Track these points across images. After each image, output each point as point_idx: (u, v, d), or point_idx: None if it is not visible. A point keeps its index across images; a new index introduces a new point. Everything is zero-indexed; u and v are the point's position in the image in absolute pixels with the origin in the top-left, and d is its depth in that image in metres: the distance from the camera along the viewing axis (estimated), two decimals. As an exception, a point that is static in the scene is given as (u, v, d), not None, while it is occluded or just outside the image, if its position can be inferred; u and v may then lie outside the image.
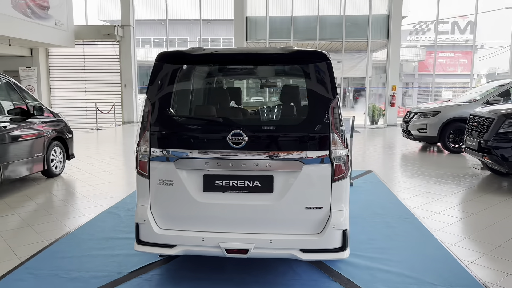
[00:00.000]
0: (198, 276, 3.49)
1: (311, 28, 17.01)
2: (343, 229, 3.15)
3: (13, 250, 4.10)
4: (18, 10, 13.83)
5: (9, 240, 4.36)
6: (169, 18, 19.23)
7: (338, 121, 3.14)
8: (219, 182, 3.20)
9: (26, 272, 3.58)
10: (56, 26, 15.95)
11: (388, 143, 12.92)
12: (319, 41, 17.12)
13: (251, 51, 3.16)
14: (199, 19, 19.22)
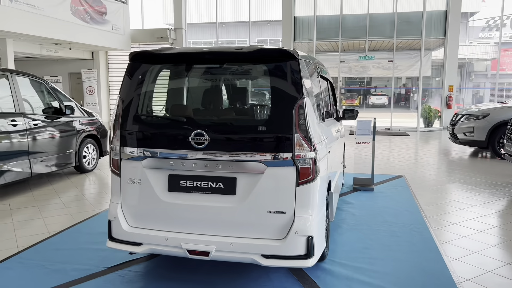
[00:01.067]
0: (171, 276, 3.50)
1: (360, 26, 16.46)
2: (308, 236, 2.99)
3: (17, 239, 4.38)
4: (77, 16, 14.82)
5: (18, 231, 4.66)
6: (220, 20, 19.56)
7: (304, 122, 2.99)
8: (184, 183, 3.18)
9: (17, 261, 3.81)
10: (112, 31, 16.87)
11: (436, 147, 12.14)
12: (368, 39, 16.52)
13: (217, 49, 3.10)
14: (248, 21, 19.35)
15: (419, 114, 16.93)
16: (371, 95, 37.31)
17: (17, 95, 6.13)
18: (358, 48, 18.35)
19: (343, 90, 40.85)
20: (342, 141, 5.84)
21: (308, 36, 17.27)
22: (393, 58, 16.91)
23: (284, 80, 3.04)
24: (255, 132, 3.02)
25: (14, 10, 12.06)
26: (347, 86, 40.74)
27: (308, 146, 3.00)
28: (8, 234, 4.55)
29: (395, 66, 17.53)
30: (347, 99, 40.03)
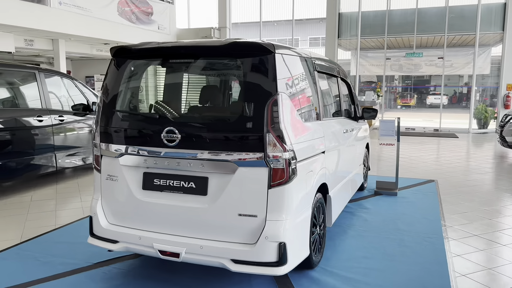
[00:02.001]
0: (151, 275, 3.44)
1: (408, 22, 15.65)
2: (280, 242, 2.80)
3: (24, 230, 4.54)
4: (123, 17, 15.36)
5: (28, 222, 4.84)
6: (263, 20, 19.47)
7: (277, 120, 2.80)
8: (157, 181, 3.10)
9: (15, 253, 3.93)
10: (158, 30, 17.32)
11: (485, 150, 11.22)
12: (416, 35, 15.66)
13: (190, 44, 2.98)
14: (292, 19, 19.08)
15: (471, 115, 15.81)
16: (429, 94, 35.47)
17: (44, 92, 6.40)
18: (406, 45, 17.48)
19: (399, 89, 39.33)
20: (359, 141, 5.51)
21: (353, 33, 16.71)
22: (444, 55, 15.91)
23: (257, 76, 2.86)
24: (226, 130, 2.87)
25: (63, 12, 12.70)
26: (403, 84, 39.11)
27: (281, 146, 2.80)
28: (18, 225, 4.73)
29: (449, 64, 16.50)
30: (402, 98, 38.42)
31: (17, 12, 11.57)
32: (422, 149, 10.83)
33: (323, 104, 3.87)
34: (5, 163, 5.71)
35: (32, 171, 6.17)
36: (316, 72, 3.74)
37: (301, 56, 3.41)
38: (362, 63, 18.60)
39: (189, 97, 3.26)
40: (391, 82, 38.40)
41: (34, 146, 6.13)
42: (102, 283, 3.31)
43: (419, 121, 19.12)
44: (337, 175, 4.21)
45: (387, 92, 40.41)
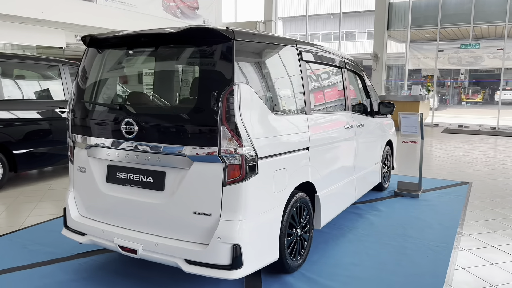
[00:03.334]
0: (124, 270, 3.38)
1: (463, 10, 14.47)
2: (233, 244, 2.60)
3: (27, 218, 4.69)
4: (168, 12, 15.65)
5: (35, 210, 5.00)
6: (310, 13, 19.00)
7: (233, 112, 2.59)
8: (119, 174, 3.02)
9: (8, 239, 4.06)
10: (204, 25, 17.47)
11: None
12: (473, 25, 14.45)
13: (149, 31, 2.84)
14: (339, 12, 18.42)
15: (535, 112, 14.37)
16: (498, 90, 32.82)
17: (67, 84, 6.61)
18: (460, 35, 16.25)
19: (465, 83, 36.84)
20: (374, 138, 5.11)
21: (403, 24, 15.80)
22: (504, 46, 14.57)
23: (214, 65, 2.66)
24: (180, 123, 2.71)
25: (109, 8, 13.17)
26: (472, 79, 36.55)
27: (237, 141, 2.60)
28: (25, 212, 4.90)
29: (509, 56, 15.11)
30: (468, 94, 35.95)
31: (66, 10, 12.15)
32: (468, 148, 9.98)
33: (312, 97, 3.58)
34: (29, 152, 5.96)
35: (54, 161, 6.40)
36: (303, 62, 3.46)
37: (275, 44, 3.16)
38: (418, 56, 17.57)
39: (148, 87, 3.14)
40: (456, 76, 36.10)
41: (56, 136, 6.35)
42: (72, 274, 3.30)
43: (485, 119, 17.63)
44: (332, 174, 3.90)
45: (450, 87, 38.10)
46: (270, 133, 2.88)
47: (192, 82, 2.75)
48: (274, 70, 3.15)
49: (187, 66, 2.90)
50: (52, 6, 11.73)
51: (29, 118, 5.99)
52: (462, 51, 16.57)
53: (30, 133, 6.01)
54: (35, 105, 6.15)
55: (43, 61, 6.62)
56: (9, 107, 5.78)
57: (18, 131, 5.88)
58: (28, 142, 5.99)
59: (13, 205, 5.21)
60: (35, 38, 13.05)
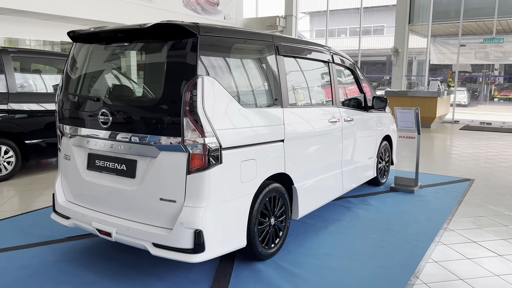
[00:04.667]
0: (107, 253, 3.58)
1: (487, 3, 14.03)
2: (195, 229, 2.75)
3: (32, 203, 4.99)
4: (189, 8, 15.91)
5: (42, 196, 5.30)
6: (330, 8, 18.85)
7: (196, 104, 2.73)
8: (98, 162, 3.21)
9: (10, 222, 4.35)
10: (224, 20, 17.65)
11: None
12: (497, 19, 14.00)
13: (120, 27, 3.00)
14: (360, 7, 18.18)
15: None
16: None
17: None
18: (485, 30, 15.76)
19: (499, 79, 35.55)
20: (368, 132, 5.13)
21: (426, 18, 15.46)
22: (529, 41, 14.05)
23: (179, 58, 2.81)
24: (148, 113, 2.88)
25: (129, 5, 13.53)
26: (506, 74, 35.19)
27: (199, 131, 2.73)
28: (31, 198, 5.21)
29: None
30: (501, 90, 34.67)
31: (88, 7, 12.59)
32: (483, 146, 9.75)
33: (290, 90, 3.66)
34: (40, 142, 6.31)
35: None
36: (280, 56, 3.55)
37: (244, 39, 3.25)
38: (443, 51, 17.17)
39: (120, 80, 3.32)
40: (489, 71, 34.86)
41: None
42: (59, 255, 3.53)
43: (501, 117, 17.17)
44: (313, 166, 3.98)
45: (482, 83, 36.84)
46: (237, 125, 3.00)
47: (160, 75, 2.91)
48: (245, 64, 3.26)
49: (157, 60, 3.05)
50: (74, 3, 12.18)
51: (40, 110, 6.32)
52: (489, 45, 16.08)
53: (41, 125, 6.34)
54: (47, 98, 6.48)
55: (55, 55, 6.95)
56: (22, 100, 6.12)
57: (30, 123, 6.22)
58: (39, 133, 6.32)
59: (22, 191, 5.54)
60: (59, 34, 13.57)
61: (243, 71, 3.21)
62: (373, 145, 5.39)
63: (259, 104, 3.32)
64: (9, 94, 5.97)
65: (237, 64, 3.15)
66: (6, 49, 6.16)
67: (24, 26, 12.67)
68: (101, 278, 3.16)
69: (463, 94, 27.88)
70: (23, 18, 12.31)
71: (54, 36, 13.65)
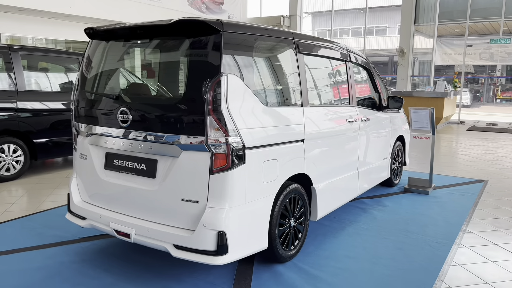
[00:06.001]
0: (123, 254, 3.51)
1: (494, 3, 13.95)
2: (219, 231, 2.68)
3: (41, 203, 4.92)
4: (193, 7, 15.85)
5: (51, 196, 5.24)
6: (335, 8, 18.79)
7: (220, 102, 2.66)
8: (116, 161, 3.14)
9: (20, 222, 4.28)
10: (229, 20, 17.58)
11: None
12: (505, 19, 13.92)
13: (141, 24, 2.94)
14: (365, 7, 18.11)
15: None
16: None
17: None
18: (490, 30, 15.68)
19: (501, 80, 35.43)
20: (382, 132, 5.06)
21: (431, 19, 15.39)
22: (537, 41, 13.97)
23: (203, 56, 2.74)
24: (170, 112, 2.81)
25: (135, 3, 13.47)
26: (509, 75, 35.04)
27: (223, 130, 2.66)
28: (41, 198, 5.14)
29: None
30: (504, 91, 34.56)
31: (93, 5, 12.52)
32: (492, 146, 9.68)
33: (310, 89, 3.59)
34: (49, 141, 6.24)
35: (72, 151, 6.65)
36: (300, 54, 3.48)
37: (268, 36, 3.19)
38: (448, 51, 17.11)
39: (141, 78, 3.25)
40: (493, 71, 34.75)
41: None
42: (73, 256, 3.46)
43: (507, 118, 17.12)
44: (332, 167, 3.91)
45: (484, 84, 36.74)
46: (260, 124, 2.93)
47: (182, 73, 2.84)
48: (267, 62, 3.19)
49: (179, 57, 2.98)
50: (80, 1, 12.12)
51: (49, 109, 6.25)
52: (494, 46, 16.00)
53: (50, 123, 6.27)
54: (55, 97, 6.41)
55: (64, 54, 6.88)
56: (31, 98, 6.05)
57: (39, 121, 6.15)
58: (48, 132, 6.25)
59: (31, 191, 5.47)
60: (64, 33, 13.51)
61: (264, 69, 3.14)
62: (388, 145, 5.32)
63: (280, 103, 3.25)
64: (17, 93, 5.91)
65: (258, 62, 3.09)
66: (15, 47, 6.10)
67: (28, 25, 12.61)
68: (118, 280, 3.09)
69: (466, 95, 27.84)
70: (27, 16, 12.25)
71: (59, 35, 13.58)
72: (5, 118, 5.81)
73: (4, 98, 5.78)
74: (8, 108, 5.81)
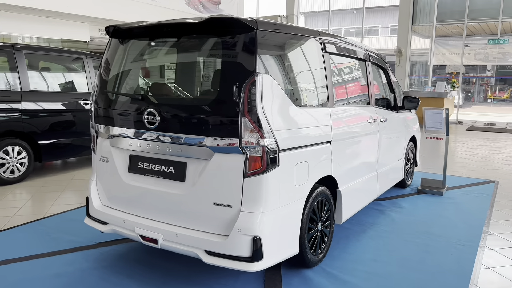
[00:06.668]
0: (144, 259, 3.40)
1: (492, 4, 14.03)
2: (254, 236, 2.58)
3: (51, 207, 4.78)
4: (191, 6, 15.71)
5: (59, 199, 5.09)
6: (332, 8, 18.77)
7: (255, 103, 2.56)
8: (141, 164, 3.03)
9: (32, 227, 4.14)
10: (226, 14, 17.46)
11: None
12: (502, 19, 14.01)
13: (170, 21, 2.83)
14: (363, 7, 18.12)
15: None
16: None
17: (90, 77, 6.69)
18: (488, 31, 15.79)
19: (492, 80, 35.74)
20: (398, 133, 5.01)
21: (429, 19, 15.44)
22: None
23: (236, 54, 2.64)
24: (202, 113, 2.70)
25: (132, 2, 13.30)
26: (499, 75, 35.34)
27: (258, 132, 2.57)
28: (49, 201, 4.99)
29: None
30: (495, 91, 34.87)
31: (91, 4, 12.33)
32: (495, 147, 9.71)
33: (335, 89, 3.52)
34: (54, 143, 6.08)
35: (77, 152, 6.50)
36: (326, 53, 3.40)
37: (300, 35, 3.11)
38: (442, 51, 17.18)
39: (170, 78, 3.14)
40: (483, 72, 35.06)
41: (79, 127, 6.44)
42: (93, 262, 3.34)
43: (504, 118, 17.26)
44: (355, 169, 3.84)
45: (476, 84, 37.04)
46: (292, 125, 2.84)
47: (214, 73, 2.74)
48: (297, 62, 3.11)
49: (210, 57, 2.88)
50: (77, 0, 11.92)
51: (54, 110, 6.10)
52: (489, 46, 16.11)
53: (54, 124, 6.11)
54: (60, 97, 6.26)
55: (68, 53, 6.73)
56: (35, 99, 5.89)
57: (43, 122, 5.99)
58: (53, 133, 6.10)
59: (37, 194, 5.32)
60: (60, 32, 13.29)
61: (294, 68, 3.05)
62: (402, 146, 5.27)
63: (309, 103, 3.17)
64: (22, 93, 5.74)
65: (288, 61, 3.00)
66: (19, 46, 5.93)
67: (23, 23, 12.37)
68: (143, 287, 2.98)
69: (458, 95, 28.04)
70: (22, 14, 12.01)
71: (55, 34, 13.35)
72: (9, 119, 5.65)
73: (8, 98, 5.62)
74: (12, 109, 5.65)
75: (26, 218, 4.38)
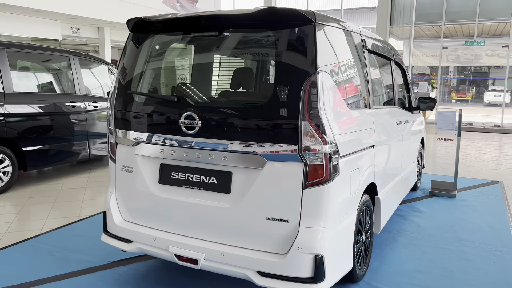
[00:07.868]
0: (169, 280, 3.04)
1: (469, 6, 14.32)
2: (316, 254, 2.29)
3: (46, 221, 4.30)
4: (168, 4, 15.23)
5: (53, 211, 4.61)
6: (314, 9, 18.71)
7: (316, 105, 2.28)
8: (175, 174, 2.67)
9: (31, 245, 3.67)
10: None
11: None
12: (478, 22, 14.34)
13: (214, 13, 2.51)
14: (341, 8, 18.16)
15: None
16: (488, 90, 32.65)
17: (77, 77, 6.20)
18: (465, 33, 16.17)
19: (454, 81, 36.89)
20: (413, 135, 4.85)
21: (406, 20, 15.61)
22: (509, 44, 14.50)
23: (293, 51, 2.34)
24: (253, 117, 2.39)
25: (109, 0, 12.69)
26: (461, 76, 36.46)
27: (320, 137, 2.28)
28: (42, 214, 4.51)
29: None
30: (457, 92, 36.02)
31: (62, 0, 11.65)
32: (482, 146, 9.84)
33: (374, 89, 3.29)
34: (40, 149, 5.55)
35: (65, 158, 6.00)
36: (367, 51, 3.17)
37: (348, 31, 2.85)
38: (416, 53, 17.44)
39: (213, 78, 2.81)
40: (446, 73, 36.14)
41: (66, 132, 5.94)
42: (115, 285, 2.96)
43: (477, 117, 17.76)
44: (387, 173, 3.62)
45: (440, 84, 38.18)
46: (347, 129, 2.58)
47: (267, 71, 2.44)
48: (346, 59, 2.84)
49: (260, 53, 2.58)
50: (49, -4, 11.23)
51: (39, 113, 5.58)
52: (461, 48, 16.50)
53: (40, 129, 5.60)
54: (46, 99, 5.73)
55: (51, 51, 6.19)
56: (19, 101, 5.36)
57: (28, 126, 5.46)
58: (39, 139, 5.57)
59: (27, 206, 4.81)
60: (30, 30, 12.51)
61: (346, 66, 2.79)
62: (416, 148, 5.13)
63: (357, 104, 2.91)
64: (4, 95, 5.20)
65: (340, 58, 2.73)
66: (1, 43, 5.37)
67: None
68: (177, 313, 2.64)
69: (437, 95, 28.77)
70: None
71: (24, 32, 12.54)
72: (-9, 123, 5.10)
73: (-11, 100, 5.07)
74: (-7, 112, 5.10)
75: (21, 235, 3.91)
